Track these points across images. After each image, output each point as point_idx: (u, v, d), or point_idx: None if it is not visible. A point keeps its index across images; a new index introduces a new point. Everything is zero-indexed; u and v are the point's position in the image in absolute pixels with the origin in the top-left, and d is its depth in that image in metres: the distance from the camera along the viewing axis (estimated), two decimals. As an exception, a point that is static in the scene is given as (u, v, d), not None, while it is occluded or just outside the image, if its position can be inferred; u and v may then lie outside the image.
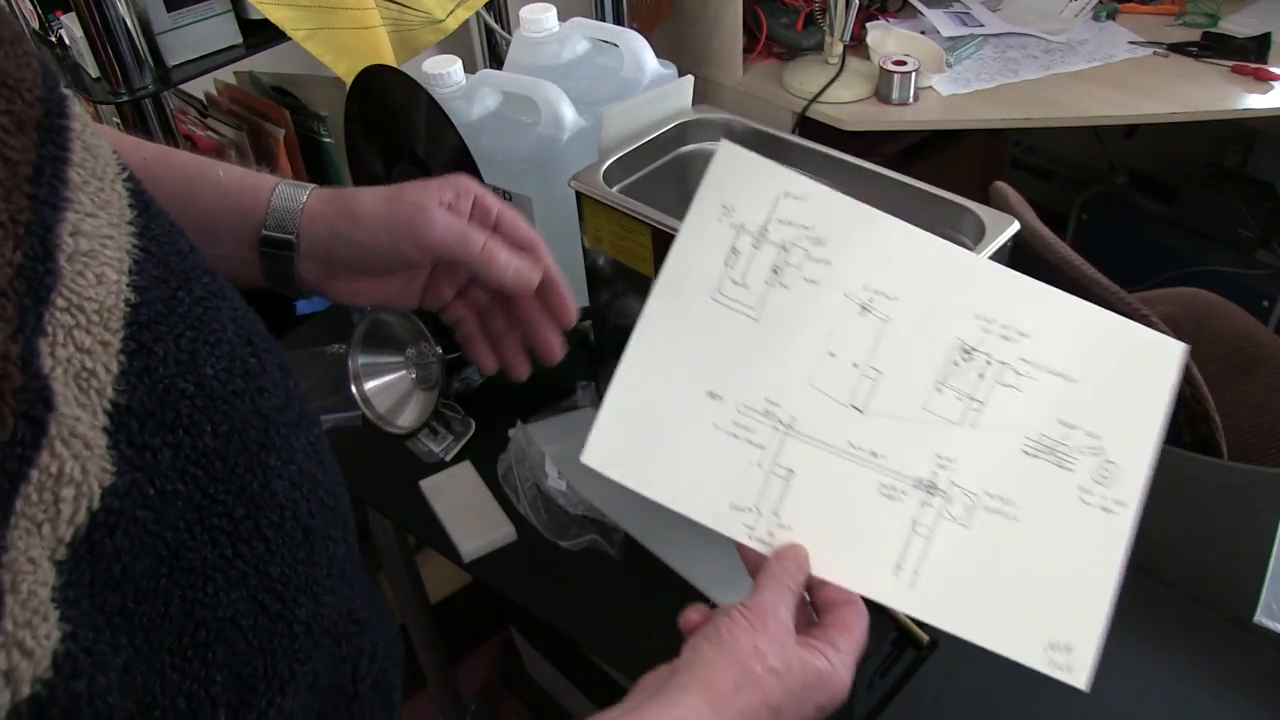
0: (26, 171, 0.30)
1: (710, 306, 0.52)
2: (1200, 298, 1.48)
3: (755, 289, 0.52)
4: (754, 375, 0.52)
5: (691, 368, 0.52)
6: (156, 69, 1.15)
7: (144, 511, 0.31)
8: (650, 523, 0.82)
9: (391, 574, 1.25)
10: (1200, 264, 1.98)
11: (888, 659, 0.77)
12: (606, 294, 0.86)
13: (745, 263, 0.53)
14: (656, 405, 0.52)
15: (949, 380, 0.52)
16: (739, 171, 0.55)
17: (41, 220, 0.30)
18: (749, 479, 0.51)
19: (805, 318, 0.52)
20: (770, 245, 0.53)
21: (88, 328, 0.30)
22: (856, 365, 0.52)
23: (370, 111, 0.98)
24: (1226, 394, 1.29)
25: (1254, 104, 1.56)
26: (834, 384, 0.52)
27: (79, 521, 0.28)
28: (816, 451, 0.51)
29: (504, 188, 0.94)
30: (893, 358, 0.52)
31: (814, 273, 0.52)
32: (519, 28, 1.01)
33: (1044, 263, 1.14)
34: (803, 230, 0.53)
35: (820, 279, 0.52)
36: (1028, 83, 1.65)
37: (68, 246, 0.30)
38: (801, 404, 0.52)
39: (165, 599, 0.32)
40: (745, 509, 0.51)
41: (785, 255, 0.53)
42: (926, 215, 0.79)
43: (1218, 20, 1.76)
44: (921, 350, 0.52)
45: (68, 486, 0.28)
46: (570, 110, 0.91)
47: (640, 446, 0.52)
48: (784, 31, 1.77)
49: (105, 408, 0.30)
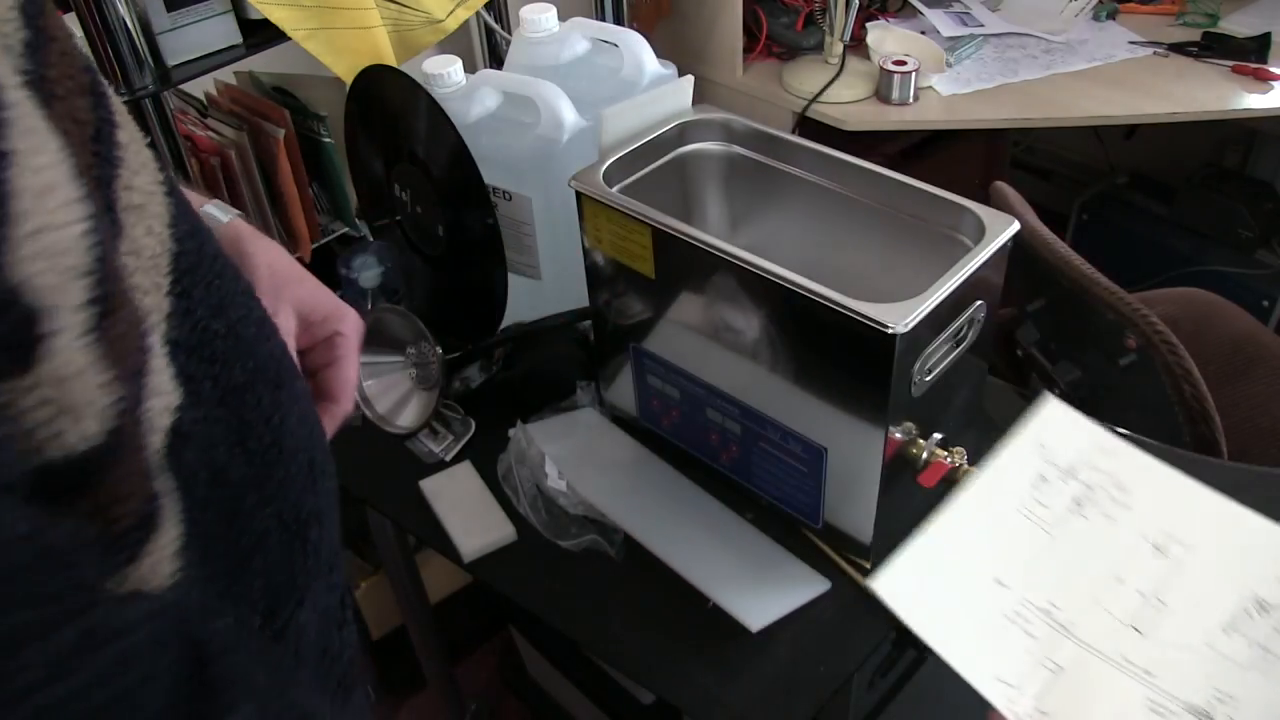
0: (90, 132, 0.32)
1: (1014, 514, 0.61)
2: (1200, 298, 1.48)
3: (1056, 512, 0.61)
4: (1040, 578, 0.59)
5: (986, 555, 0.59)
6: (156, 69, 1.15)
7: (200, 429, 0.35)
8: (650, 523, 0.82)
9: (391, 574, 1.25)
10: (1200, 264, 1.98)
11: (888, 659, 0.77)
12: (606, 294, 0.86)
13: (1051, 491, 0.62)
14: (950, 571, 0.59)
15: (1240, 627, 0.56)
16: (1058, 420, 0.65)
17: (104, 176, 0.32)
18: (1019, 662, 0.56)
19: (1099, 545, 0.59)
20: (1076, 482, 0.62)
21: (146, 270, 0.33)
22: (1142, 594, 0.58)
23: (370, 111, 0.98)
24: (1226, 394, 1.29)
25: (1254, 104, 1.56)
26: (1117, 605, 0.58)
27: (167, 433, 0.32)
28: (1089, 657, 0.56)
29: (504, 188, 0.94)
30: (1181, 595, 0.58)
31: (1113, 511, 0.61)
32: (519, 28, 1.01)
33: (1044, 263, 1.14)
34: (1108, 477, 0.62)
35: (1118, 518, 0.60)
36: (1028, 83, 1.65)
37: (123, 199, 0.33)
38: (1082, 613, 0.58)
39: (215, 511, 0.35)
40: (1010, 685, 0.56)
41: (1089, 493, 0.61)
42: (926, 215, 0.79)
43: (1218, 20, 1.76)
44: (1214, 596, 0.57)
45: (158, 397, 0.31)
46: (570, 110, 0.91)
47: (927, 596, 0.59)
48: (784, 31, 1.77)
49: (163, 342, 0.34)
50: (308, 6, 1.14)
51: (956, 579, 0.60)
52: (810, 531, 0.83)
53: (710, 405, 0.83)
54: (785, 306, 0.71)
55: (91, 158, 0.31)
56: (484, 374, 1.02)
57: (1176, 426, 1.06)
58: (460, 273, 0.99)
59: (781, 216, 0.89)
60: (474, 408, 0.98)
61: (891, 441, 0.71)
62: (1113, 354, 1.10)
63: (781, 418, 0.77)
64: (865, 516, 0.76)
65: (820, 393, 0.74)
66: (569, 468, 0.87)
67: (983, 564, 0.60)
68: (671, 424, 0.89)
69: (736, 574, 0.79)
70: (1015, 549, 0.60)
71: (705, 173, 0.91)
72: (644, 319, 0.84)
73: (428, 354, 0.96)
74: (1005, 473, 0.64)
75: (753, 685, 0.73)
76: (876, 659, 0.76)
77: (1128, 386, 1.11)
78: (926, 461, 0.75)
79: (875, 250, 0.83)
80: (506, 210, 0.95)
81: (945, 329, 0.71)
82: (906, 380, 0.69)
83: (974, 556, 0.60)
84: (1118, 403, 1.15)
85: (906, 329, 0.65)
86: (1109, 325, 1.08)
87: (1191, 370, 1.03)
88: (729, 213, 0.93)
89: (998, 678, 0.56)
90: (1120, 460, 0.63)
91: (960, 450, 0.76)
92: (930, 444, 0.75)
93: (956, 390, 0.78)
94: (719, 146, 0.90)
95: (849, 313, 0.66)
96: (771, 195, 0.89)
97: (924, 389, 0.71)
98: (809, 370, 0.74)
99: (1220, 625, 0.56)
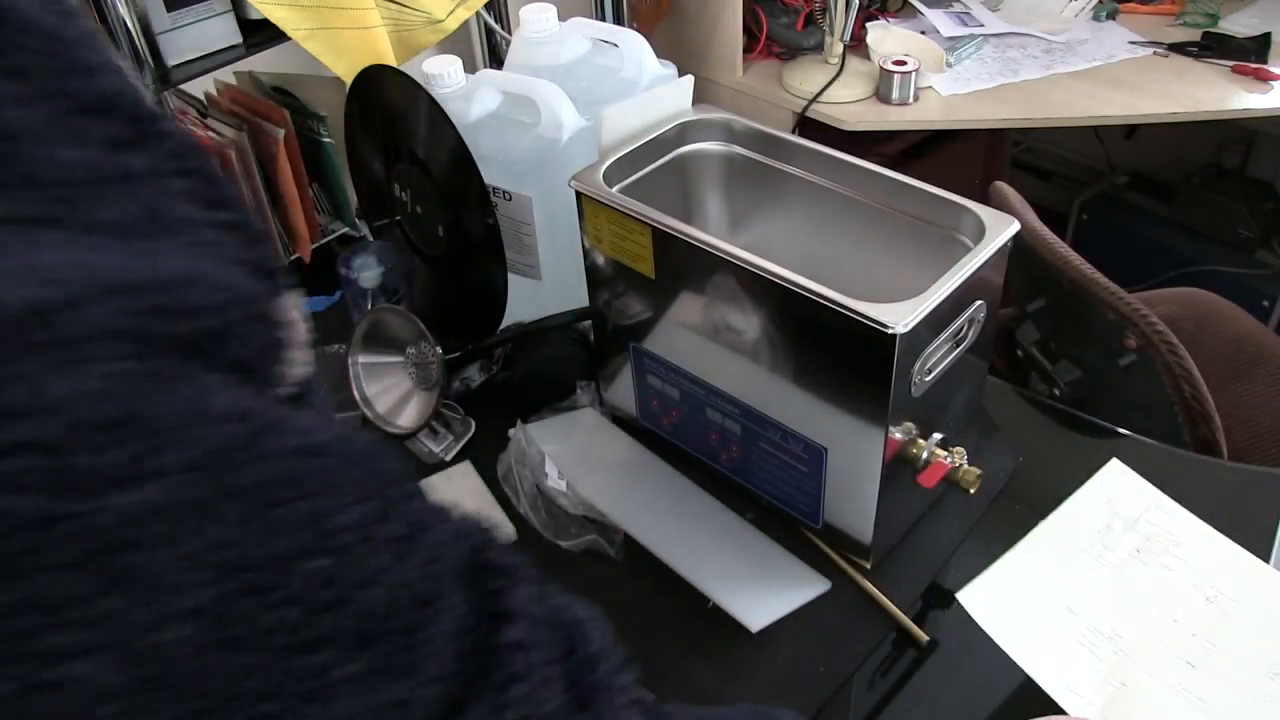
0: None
1: (1082, 554, 0.70)
2: (1200, 298, 1.48)
3: (1119, 556, 0.70)
4: (1105, 610, 0.67)
5: (1058, 586, 0.68)
6: (156, 69, 1.15)
7: None
8: (650, 523, 0.82)
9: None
10: (1200, 264, 1.98)
11: (887, 659, 0.77)
12: (606, 294, 0.86)
13: (1115, 537, 0.71)
14: (1028, 594, 0.68)
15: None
16: (1125, 481, 0.75)
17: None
18: (1087, 678, 0.64)
19: (1156, 589, 0.68)
20: (1137, 534, 0.71)
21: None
22: (1195, 635, 0.66)
23: (370, 111, 0.98)
24: (1226, 394, 1.29)
25: (1254, 104, 1.56)
26: (1171, 641, 0.66)
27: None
28: (1149, 679, 0.64)
29: (504, 188, 0.94)
30: (1229, 640, 0.65)
31: (1170, 562, 0.69)
32: (519, 28, 1.01)
33: (1044, 263, 1.14)
34: (1167, 533, 0.71)
35: (1174, 568, 0.69)
36: (1028, 83, 1.65)
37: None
38: (1141, 644, 0.65)
39: None
40: (1078, 694, 0.64)
41: (1149, 544, 0.70)
42: (926, 215, 0.79)
43: (1218, 20, 1.76)
44: (1258, 644, 0.64)
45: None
46: (570, 110, 0.91)
47: (1006, 612, 0.67)
48: (784, 31, 1.77)
49: None
50: (308, 6, 1.14)
51: (1031, 602, 0.68)
52: (810, 531, 0.83)
53: (710, 405, 0.83)
54: (785, 306, 0.71)
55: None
56: (484, 374, 1.02)
57: (1176, 426, 1.06)
58: (460, 273, 0.99)
59: (781, 216, 0.89)
60: (474, 408, 0.98)
61: (891, 441, 0.71)
62: (1113, 354, 1.10)
63: (781, 418, 0.77)
64: (865, 516, 0.76)
65: (820, 393, 0.74)
66: (569, 468, 0.87)
67: (1055, 592, 0.68)
68: (671, 424, 0.89)
69: (736, 574, 0.79)
70: (1084, 583, 0.69)
71: (705, 173, 0.91)
72: (644, 319, 0.84)
73: (428, 354, 0.96)
74: (1075, 517, 0.73)
75: (753, 685, 0.73)
76: (876, 659, 0.76)
77: (1128, 386, 1.11)
78: (926, 461, 0.75)
79: (875, 250, 0.83)
80: (506, 210, 0.95)
81: (945, 329, 0.71)
82: (906, 380, 0.69)
83: (1047, 585, 0.69)
84: (1118, 403, 1.15)
85: (906, 329, 0.65)
86: (1109, 325, 1.08)
87: (1191, 370, 1.03)
88: (729, 213, 0.93)
89: (1068, 687, 0.63)
90: (1176, 520, 0.72)
91: (960, 450, 0.76)
92: (930, 444, 0.75)
93: (956, 390, 0.78)
94: (719, 146, 0.90)
95: (849, 313, 0.66)
96: (771, 195, 0.89)
97: (924, 389, 0.71)
98: (809, 370, 0.74)
99: (1267, 672, 0.63)
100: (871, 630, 0.77)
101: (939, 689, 0.75)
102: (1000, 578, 0.69)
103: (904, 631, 0.77)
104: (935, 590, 0.81)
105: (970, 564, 0.83)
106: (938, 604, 0.81)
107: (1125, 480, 0.75)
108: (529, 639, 0.30)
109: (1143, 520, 0.72)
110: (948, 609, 0.81)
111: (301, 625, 0.24)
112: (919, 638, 0.76)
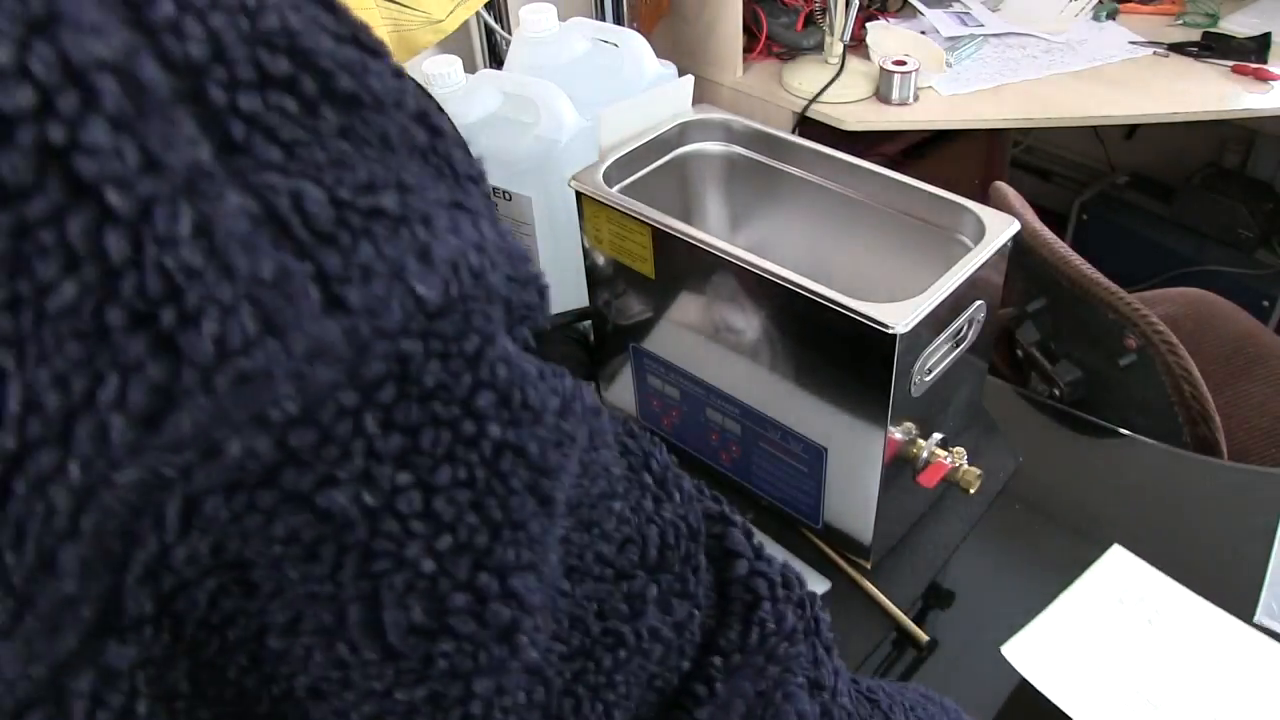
0: None
1: (1100, 627, 0.74)
2: (1200, 298, 1.48)
3: (1137, 625, 0.74)
4: (1134, 670, 0.71)
5: (1086, 653, 0.72)
6: (156, 69, 1.15)
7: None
8: None
9: (391, 574, 1.25)
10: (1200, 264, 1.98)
11: (888, 659, 0.77)
12: (606, 294, 0.86)
13: (1128, 612, 0.75)
14: (1063, 650, 0.72)
15: None
16: (1128, 566, 0.79)
17: None
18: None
19: (1173, 655, 0.72)
20: (1148, 606, 0.75)
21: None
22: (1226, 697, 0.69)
23: (370, 111, 0.98)
24: (1226, 394, 1.29)
25: (1254, 104, 1.56)
26: (1205, 700, 0.69)
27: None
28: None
29: (504, 188, 0.94)
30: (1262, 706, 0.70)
31: (1183, 632, 0.73)
32: (519, 28, 1.01)
33: (1044, 263, 1.14)
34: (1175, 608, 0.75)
35: (1189, 638, 0.73)
36: (1028, 83, 1.65)
37: None
38: (1175, 700, 0.70)
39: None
40: None
41: (1158, 616, 0.75)
42: (926, 215, 0.79)
43: (1218, 20, 1.76)
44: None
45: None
46: (570, 110, 0.91)
47: (1048, 664, 0.71)
48: (784, 31, 1.77)
49: None
50: (308, 6, 1.14)
51: (1070, 661, 0.71)
52: (810, 531, 0.83)
53: (710, 405, 0.83)
54: (785, 306, 0.71)
55: None
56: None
57: (1176, 426, 1.06)
58: (460, 273, 0.98)
59: (781, 216, 0.89)
60: (474, 408, 0.97)
61: (891, 441, 0.71)
62: (1113, 354, 1.11)
63: (781, 418, 0.77)
64: (865, 516, 0.76)
65: (820, 393, 0.74)
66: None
67: (1086, 657, 0.72)
68: (671, 424, 0.89)
69: None
70: (1109, 650, 0.72)
71: (705, 173, 0.91)
72: (644, 319, 0.84)
73: (428, 354, 0.96)
74: (1093, 593, 0.76)
75: (753, 685, 0.73)
76: (876, 659, 0.76)
77: (1128, 386, 1.11)
78: (926, 461, 0.75)
79: (875, 250, 0.83)
80: (506, 210, 0.95)
81: (945, 329, 0.71)
82: (906, 380, 0.69)
83: (1076, 649, 0.72)
84: (1118, 403, 1.15)
85: (906, 329, 0.65)
86: (1109, 325, 1.08)
87: (1191, 370, 1.03)
88: (729, 213, 0.93)
89: None
90: (1184, 601, 0.76)
91: (960, 450, 0.76)
92: (930, 444, 0.75)
93: (956, 390, 0.78)
94: (719, 146, 0.90)
95: (849, 313, 0.66)
96: (771, 195, 0.89)
97: (924, 389, 0.71)
98: (809, 370, 0.74)
99: None
100: (871, 630, 0.77)
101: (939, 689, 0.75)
102: (1044, 633, 0.72)
103: (904, 631, 0.77)
104: (935, 590, 0.81)
105: (970, 564, 0.83)
106: (938, 604, 0.81)
107: (1129, 565, 0.79)
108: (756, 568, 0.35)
109: (1149, 597, 0.77)
110: (948, 609, 0.81)
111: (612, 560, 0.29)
112: (919, 638, 0.76)
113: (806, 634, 0.35)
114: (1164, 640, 0.73)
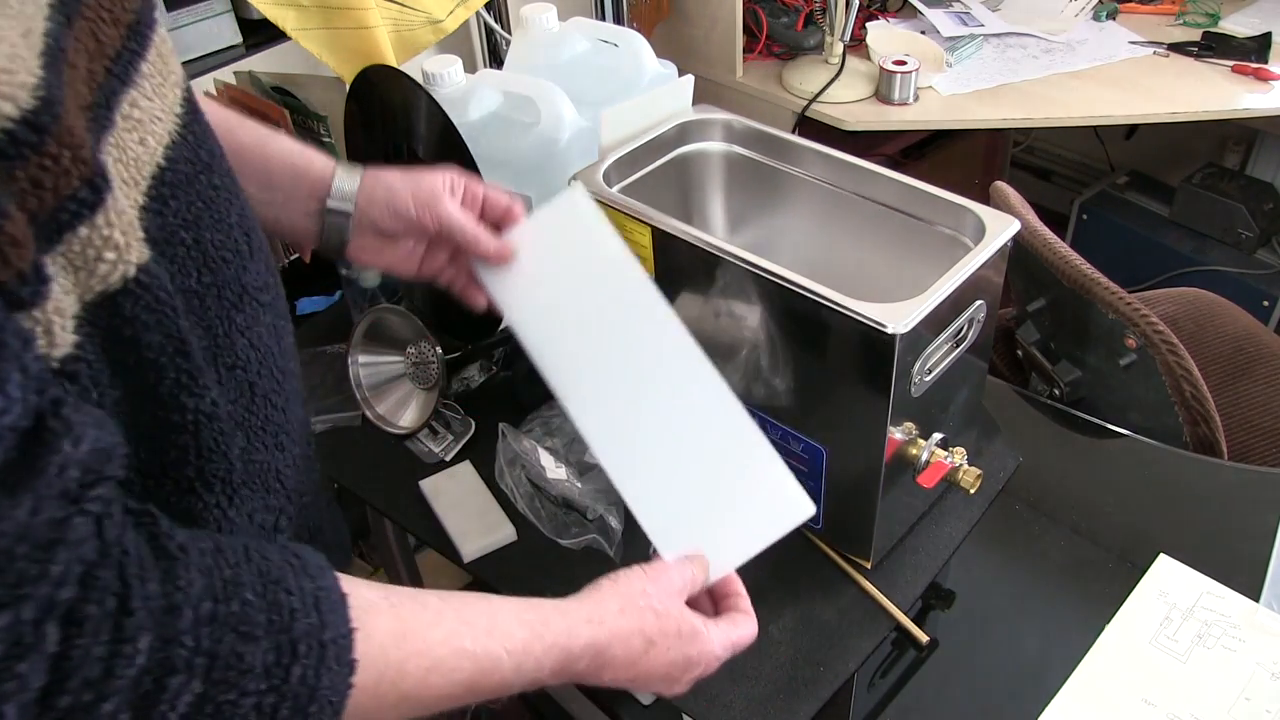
0: (110, 52, 0.41)
1: (1149, 647, 0.75)
2: (1200, 298, 1.48)
3: (1183, 644, 0.74)
4: (1181, 694, 0.71)
5: (1133, 679, 0.73)
6: (156, 69, 1.15)
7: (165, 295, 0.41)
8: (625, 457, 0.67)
9: (391, 574, 1.25)
10: (1200, 264, 1.97)
11: (888, 659, 0.77)
12: (606, 294, 0.86)
13: (1176, 626, 0.76)
14: (1105, 694, 0.72)
15: None
16: (1176, 575, 0.79)
17: (111, 84, 0.41)
18: None
19: (1224, 670, 0.72)
20: (1195, 620, 0.76)
21: (126, 165, 0.41)
22: (1269, 711, 0.70)
23: (370, 111, 0.98)
24: (1226, 394, 1.29)
25: (1254, 104, 1.56)
26: (1247, 718, 0.70)
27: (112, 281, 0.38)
28: None
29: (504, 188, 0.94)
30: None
31: (1231, 644, 0.74)
32: (519, 28, 1.01)
33: (1044, 263, 1.14)
34: (1222, 616, 0.76)
35: (1237, 649, 0.74)
36: (1028, 83, 1.65)
37: (124, 109, 0.41)
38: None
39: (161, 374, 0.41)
40: None
41: (1208, 628, 0.75)
42: (926, 215, 0.79)
43: (1218, 20, 1.76)
44: None
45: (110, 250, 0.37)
46: (570, 110, 0.91)
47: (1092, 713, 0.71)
48: (784, 31, 1.77)
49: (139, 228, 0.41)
50: (307, 6, 1.14)
51: (1112, 699, 0.71)
52: (810, 531, 0.83)
53: (710, 405, 0.83)
54: (785, 306, 0.71)
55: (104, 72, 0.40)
56: (484, 374, 1.02)
57: (1176, 426, 1.06)
58: (460, 273, 0.98)
59: (781, 216, 0.89)
60: (474, 408, 0.98)
61: (891, 441, 0.71)
62: (1113, 354, 1.10)
63: (781, 418, 0.77)
64: (865, 516, 0.76)
65: (820, 393, 0.74)
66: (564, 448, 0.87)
67: (1132, 686, 0.72)
68: (671, 424, 0.89)
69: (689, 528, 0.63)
70: (1156, 674, 0.73)
71: (705, 172, 0.91)
72: (644, 319, 0.84)
73: (428, 354, 0.96)
74: (1135, 615, 0.76)
75: (753, 685, 0.73)
76: (877, 659, 0.76)
77: (1128, 386, 1.11)
78: (926, 461, 0.75)
79: (875, 250, 0.83)
80: (506, 210, 0.95)
81: (945, 329, 0.71)
82: (906, 380, 0.69)
83: (1123, 680, 0.72)
84: (1118, 403, 1.15)
85: (906, 329, 0.65)
86: (1109, 325, 1.08)
87: (1191, 370, 1.03)
88: (729, 213, 0.93)
89: None
90: (1226, 603, 0.76)
91: (960, 450, 0.76)
92: (930, 444, 0.75)
93: (956, 390, 0.78)
94: (719, 146, 0.90)
95: (849, 313, 0.66)
96: (772, 195, 0.89)
97: (924, 389, 0.71)
98: (809, 370, 0.74)
99: None
100: (871, 630, 0.77)
101: (939, 689, 0.75)
102: (1080, 684, 0.72)
103: (904, 631, 0.77)
104: (935, 590, 0.81)
105: (970, 564, 0.83)
106: (938, 604, 0.81)
107: (1176, 574, 0.79)
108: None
109: (1199, 608, 0.76)
110: (948, 609, 0.81)
111: None
112: (919, 638, 0.76)
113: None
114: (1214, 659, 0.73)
